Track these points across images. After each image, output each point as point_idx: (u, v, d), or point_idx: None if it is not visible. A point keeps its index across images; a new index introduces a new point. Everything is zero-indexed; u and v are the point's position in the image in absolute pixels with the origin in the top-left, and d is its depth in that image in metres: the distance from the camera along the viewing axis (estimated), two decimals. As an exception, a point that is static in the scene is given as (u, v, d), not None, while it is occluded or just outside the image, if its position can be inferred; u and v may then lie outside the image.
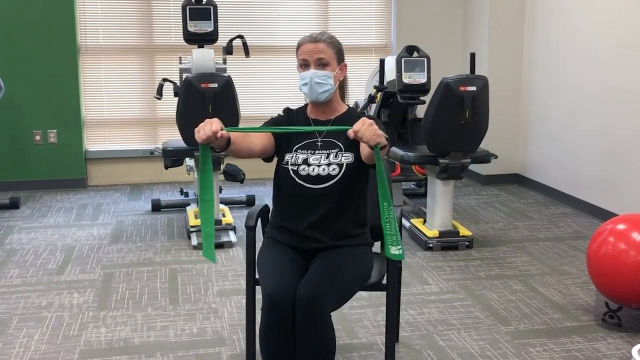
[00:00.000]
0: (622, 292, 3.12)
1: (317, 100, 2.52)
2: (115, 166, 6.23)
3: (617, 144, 4.85)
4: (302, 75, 2.50)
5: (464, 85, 4.09)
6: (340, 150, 2.50)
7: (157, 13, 6.19)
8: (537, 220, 5.11)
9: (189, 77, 4.28)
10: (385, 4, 6.56)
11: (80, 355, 2.97)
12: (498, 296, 3.64)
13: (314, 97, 2.50)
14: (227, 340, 3.12)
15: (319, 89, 2.48)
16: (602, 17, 5.00)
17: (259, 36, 6.22)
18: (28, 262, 4.16)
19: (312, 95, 2.50)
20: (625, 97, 4.76)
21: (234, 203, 5.44)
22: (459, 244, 4.40)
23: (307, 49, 2.49)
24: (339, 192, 2.48)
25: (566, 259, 4.24)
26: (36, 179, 6.00)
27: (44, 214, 5.24)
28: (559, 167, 5.60)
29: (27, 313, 3.41)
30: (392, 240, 2.20)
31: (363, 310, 3.42)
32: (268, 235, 2.65)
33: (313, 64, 2.48)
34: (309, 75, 2.48)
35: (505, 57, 6.09)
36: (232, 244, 4.43)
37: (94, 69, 6.15)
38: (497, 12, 6.05)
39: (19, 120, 5.90)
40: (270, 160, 2.63)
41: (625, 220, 3.23)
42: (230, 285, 3.77)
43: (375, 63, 6.14)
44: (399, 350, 2.98)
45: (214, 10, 4.66)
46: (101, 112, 6.24)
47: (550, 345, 3.07)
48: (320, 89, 2.48)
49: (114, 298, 3.60)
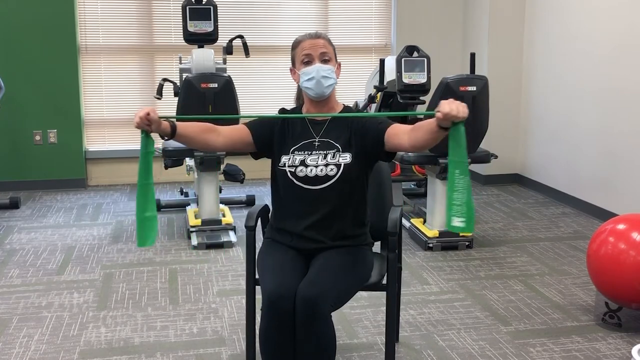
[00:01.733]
0: (622, 292, 3.12)
1: (322, 95, 2.50)
2: (115, 166, 6.23)
3: (618, 143, 4.85)
4: (307, 71, 2.48)
5: (464, 85, 4.09)
6: (338, 150, 2.50)
7: (157, 13, 6.19)
8: (537, 220, 5.11)
9: (189, 77, 4.28)
10: (385, 4, 6.56)
11: (80, 355, 2.97)
12: (498, 296, 3.64)
13: (320, 91, 2.48)
14: (227, 340, 3.12)
15: (325, 82, 2.47)
16: (602, 17, 5.00)
17: (259, 36, 6.23)
18: (28, 262, 4.16)
19: (319, 90, 2.48)
20: (625, 97, 4.76)
21: (234, 203, 5.44)
22: (459, 244, 4.40)
23: (309, 44, 2.49)
24: (338, 192, 2.48)
25: (566, 259, 4.24)
26: (36, 179, 6.00)
27: (44, 214, 5.24)
28: (559, 167, 5.60)
29: (27, 313, 3.41)
30: (456, 211, 2.13)
31: (363, 310, 3.42)
32: (268, 235, 2.65)
33: (317, 58, 2.48)
34: (315, 69, 2.47)
35: (505, 57, 6.09)
36: (232, 244, 4.43)
37: (94, 69, 6.15)
38: (497, 12, 6.05)
39: (19, 120, 5.90)
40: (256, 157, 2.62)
41: (625, 220, 3.23)
42: (230, 285, 3.77)
43: (375, 63, 6.14)
44: (399, 350, 2.98)
45: (214, 10, 4.66)
46: (101, 112, 6.24)
47: (550, 345, 3.07)
48: (326, 82, 2.48)
49: (114, 298, 3.60)
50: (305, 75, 2.49)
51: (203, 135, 2.46)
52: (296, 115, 2.56)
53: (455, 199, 2.14)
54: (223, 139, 2.50)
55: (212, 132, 2.48)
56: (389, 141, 2.42)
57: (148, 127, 2.27)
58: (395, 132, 2.41)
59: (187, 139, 2.44)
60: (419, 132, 2.30)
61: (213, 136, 2.48)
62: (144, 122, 2.25)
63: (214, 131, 2.49)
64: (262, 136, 2.55)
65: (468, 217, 2.14)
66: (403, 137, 2.37)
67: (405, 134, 2.36)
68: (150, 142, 2.28)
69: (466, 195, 2.14)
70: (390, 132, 2.42)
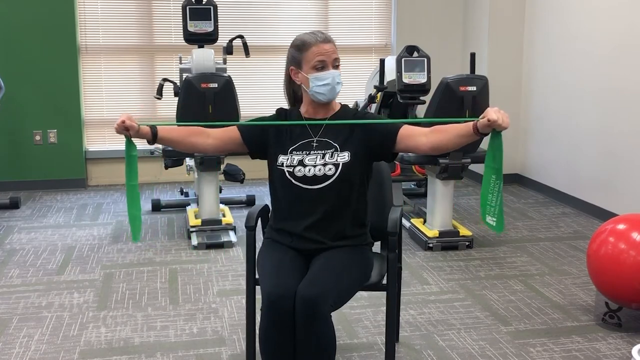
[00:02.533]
0: (622, 292, 3.12)
1: (332, 99, 2.54)
2: (115, 166, 6.22)
3: (618, 143, 4.85)
4: (321, 77, 2.47)
5: (464, 85, 4.09)
6: (336, 150, 2.49)
7: (157, 13, 6.19)
8: (537, 220, 5.11)
9: (189, 77, 4.28)
10: (385, 4, 6.56)
11: (80, 355, 2.98)
12: (498, 296, 3.64)
13: (332, 96, 2.51)
14: (227, 340, 3.12)
15: (337, 88, 2.51)
16: (602, 17, 4.99)
17: (259, 36, 6.23)
18: (28, 262, 4.16)
19: (331, 95, 2.50)
20: (625, 97, 4.76)
21: (234, 203, 5.44)
22: (459, 244, 4.40)
23: (323, 49, 2.47)
24: (337, 192, 2.47)
25: (566, 259, 4.24)
26: (36, 179, 6.00)
27: (44, 214, 5.24)
28: (559, 167, 5.60)
29: (27, 313, 3.41)
30: (490, 211, 2.33)
31: (363, 310, 3.42)
32: (268, 235, 2.65)
33: (331, 64, 2.49)
34: (331, 76, 2.47)
35: (505, 57, 6.09)
36: (232, 244, 4.43)
37: (94, 69, 6.16)
38: (497, 12, 6.05)
39: (19, 120, 5.90)
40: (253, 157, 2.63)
41: (625, 220, 3.23)
42: (230, 285, 3.77)
43: (375, 63, 6.14)
44: (399, 350, 2.98)
45: (214, 10, 4.66)
46: (101, 112, 6.24)
47: (550, 345, 3.07)
48: (338, 88, 2.51)
49: (114, 298, 3.60)
50: (318, 81, 2.47)
51: (189, 138, 2.52)
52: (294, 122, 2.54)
53: (490, 201, 2.33)
54: (212, 140, 2.54)
55: (199, 134, 2.53)
56: (402, 142, 2.45)
57: (127, 132, 2.39)
58: (410, 134, 2.44)
59: (172, 143, 2.53)
60: (444, 134, 2.37)
61: (201, 139, 2.52)
62: (121, 128, 2.38)
63: (201, 134, 2.53)
64: (253, 136, 2.55)
65: (499, 218, 2.34)
66: (421, 139, 2.42)
67: (423, 136, 2.41)
68: (133, 147, 2.43)
69: (499, 199, 2.32)
70: (404, 133, 2.44)
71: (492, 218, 2.34)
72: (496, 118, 2.21)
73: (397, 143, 2.45)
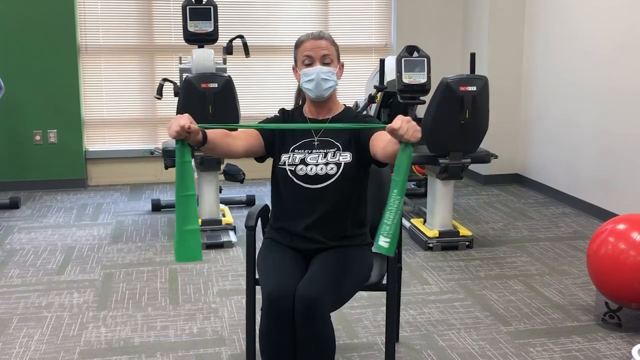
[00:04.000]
0: (622, 292, 3.12)
1: (321, 97, 2.50)
2: (115, 166, 6.23)
3: (618, 143, 4.85)
4: (307, 72, 2.48)
5: (464, 85, 4.08)
6: (338, 149, 2.49)
7: (157, 13, 6.19)
8: (537, 220, 5.11)
9: (189, 77, 4.28)
10: (385, 4, 6.56)
11: (80, 355, 2.97)
12: (498, 296, 3.64)
13: (319, 93, 2.49)
14: (227, 340, 3.12)
15: (324, 85, 2.48)
16: (602, 17, 4.99)
17: (259, 36, 6.23)
18: (28, 262, 4.16)
19: (318, 92, 2.49)
20: (625, 97, 4.76)
21: (234, 203, 5.44)
22: (459, 244, 4.40)
23: (311, 45, 2.48)
24: (338, 191, 2.48)
25: (566, 259, 4.24)
26: (36, 179, 6.00)
27: (44, 214, 5.24)
28: (559, 167, 5.60)
29: (27, 313, 3.41)
30: (384, 230, 2.08)
31: (363, 310, 3.42)
32: (268, 235, 2.65)
33: (318, 60, 2.48)
34: (315, 71, 2.47)
35: (505, 57, 6.09)
36: (232, 244, 4.43)
37: (94, 69, 6.15)
38: (497, 12, 6.05)
39: (19, 120, 5.90)
40: (262, 160, 2.62)
41: (625, 220, 3.23)
42: (230, 285, 3.77)
43: (375, 63, 6.14)
44: (399, 350, 2.98)
45: (214, 10, 4.66)
46: (101, 112, 6.23)
47: (550, 345, 3.07)
48: (325, 84, 2.48)
49: (114, 298, 3.60)
50: (305, 77, 2.49)
51: (226, 139, 2.41)
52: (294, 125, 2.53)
53: (387, 219, 2.08)
54: (241, 142, 2.47)
55: (230, 136, 2.44)
56: (371, 148, 2.38)
57: (188, 135, 2.19)
58: (376, 138, 2.36)
59: (214, 146, 2.35)
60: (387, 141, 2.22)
61: (232, 140, 2.44)
62: (184, 132, 2.16)
63: (231, 135, 2.45)
64: (268, 137, 2.54)
65: (392, 238, 2.08)
66: (380, 144, 2.29)
67: (384, 142, 2.27)
68: (187, 152, 2.17)
69: (396, 217, 2.08)
70: (374, 138, 2.37)
71: (386, 239, 2.07)
72: (397, 127, 2.03)
73: (370, 148, 2.39)
